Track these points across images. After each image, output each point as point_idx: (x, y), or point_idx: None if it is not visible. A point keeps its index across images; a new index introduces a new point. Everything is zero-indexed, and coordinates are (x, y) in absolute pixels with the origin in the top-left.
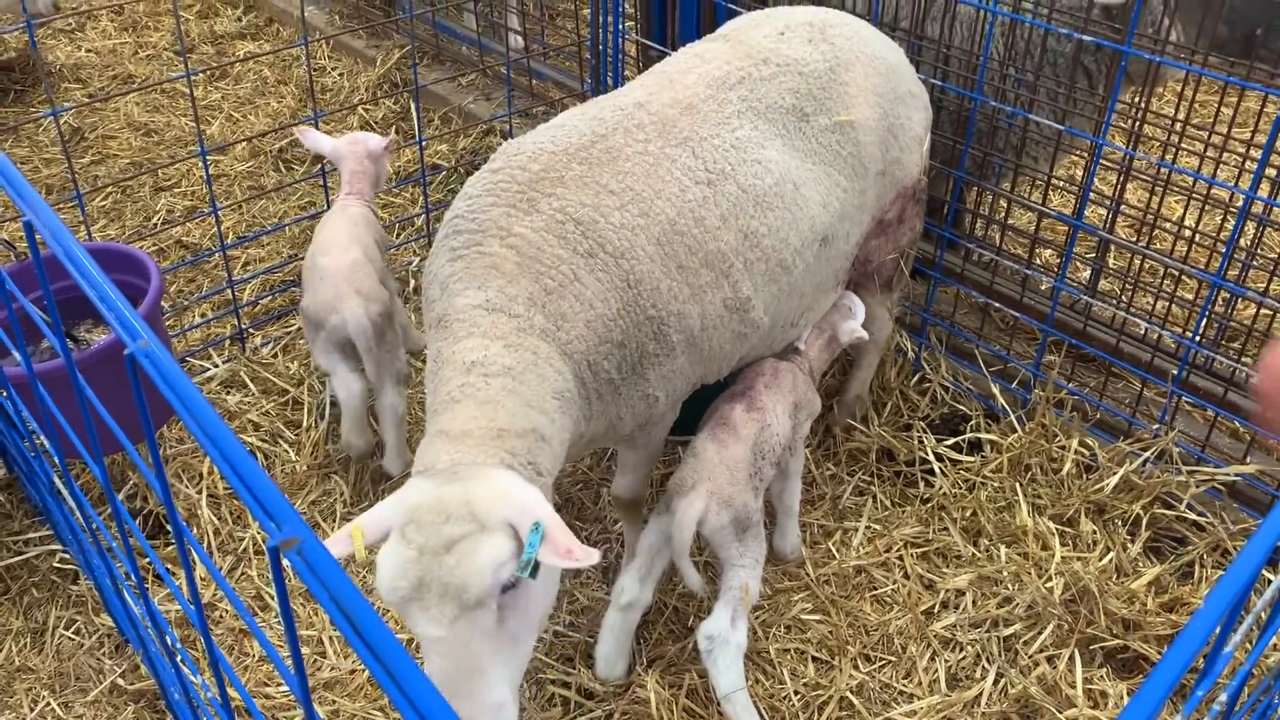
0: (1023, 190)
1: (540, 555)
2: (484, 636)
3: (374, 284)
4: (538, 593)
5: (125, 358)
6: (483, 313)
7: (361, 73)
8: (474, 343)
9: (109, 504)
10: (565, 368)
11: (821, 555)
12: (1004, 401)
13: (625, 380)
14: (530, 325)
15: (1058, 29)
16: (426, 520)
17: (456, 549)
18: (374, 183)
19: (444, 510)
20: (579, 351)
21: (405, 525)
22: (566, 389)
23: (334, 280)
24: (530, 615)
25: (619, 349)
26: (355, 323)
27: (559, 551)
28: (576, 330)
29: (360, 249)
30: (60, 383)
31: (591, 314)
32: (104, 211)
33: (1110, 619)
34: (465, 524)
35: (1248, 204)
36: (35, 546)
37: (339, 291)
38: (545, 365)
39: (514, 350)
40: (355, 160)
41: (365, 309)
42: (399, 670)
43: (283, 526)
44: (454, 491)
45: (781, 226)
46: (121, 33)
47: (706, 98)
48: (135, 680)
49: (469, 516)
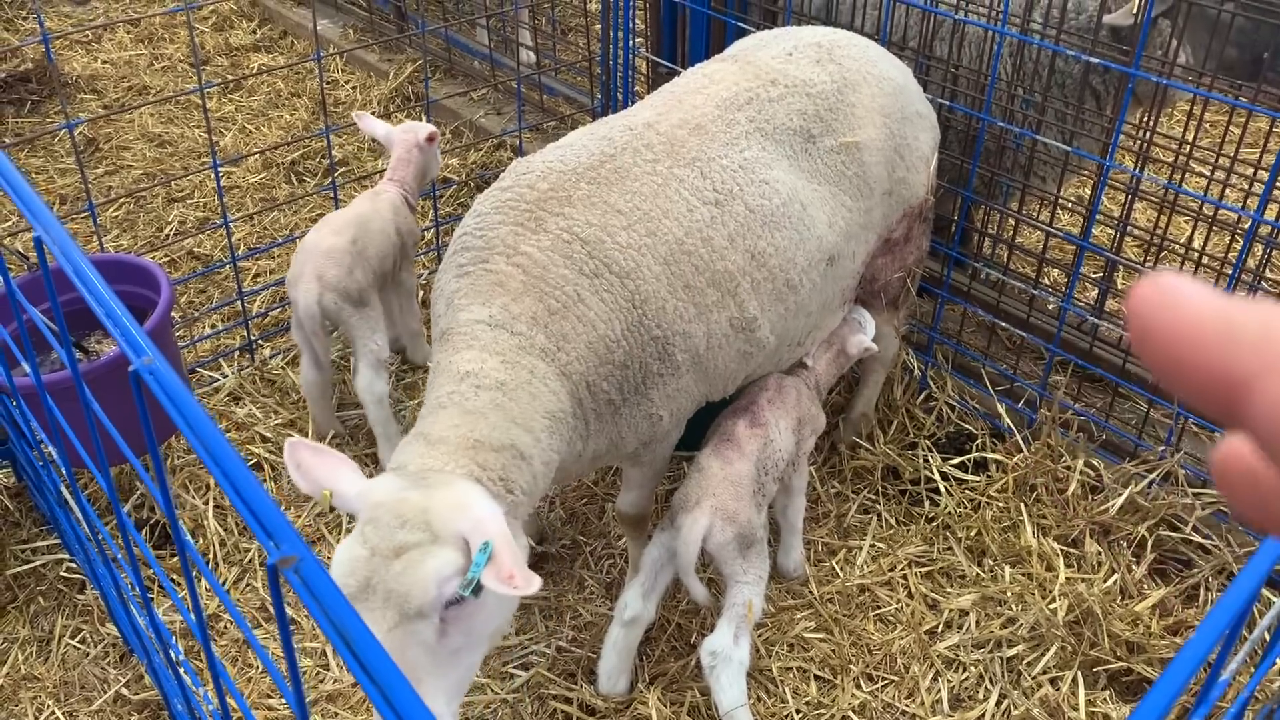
0: (1031, 210)
1: (483, 577)
2: (422, 648)
3: (340, 272)
4: (486, 611)
5: (130, 374)
6: (485, 328)
7: (374, 86)
8: (472, 355)
9: (115, 514)
10: (561, 388)
11: (825, 573)
12: (1010, 421)
13: (627, 400)
14: (531, 344)
15: (1065, 50)
16: (383, 521)
17: (405, 556)
18: (420, 174)
19: (400, 515)
20: (578, 372)
21: (365, 523)
22: (560, 409)
23: (305, 258)
24: (476, 633)
25: (621, 370)
26: (304, 304)
27: (501, 575)
28: (577, 351)
29: (351, 236)
30: (68, 393)
31: (594, 335)
32: (117, 222)
33: (1114, 641)
34: (418, 532)
35: (1255, 226)
36: (43, 555)
37: (302, 271)
38: (540, 384)
39: (510, 367)
40: (403, 148)
41: (318, 294)
42: (393, 690)
43: (281, 545)
44: (415, 498)
45: (788, 246)
46: (138, 44)
47: (715, 118)
48: (139, 690)
49: (423, 525)
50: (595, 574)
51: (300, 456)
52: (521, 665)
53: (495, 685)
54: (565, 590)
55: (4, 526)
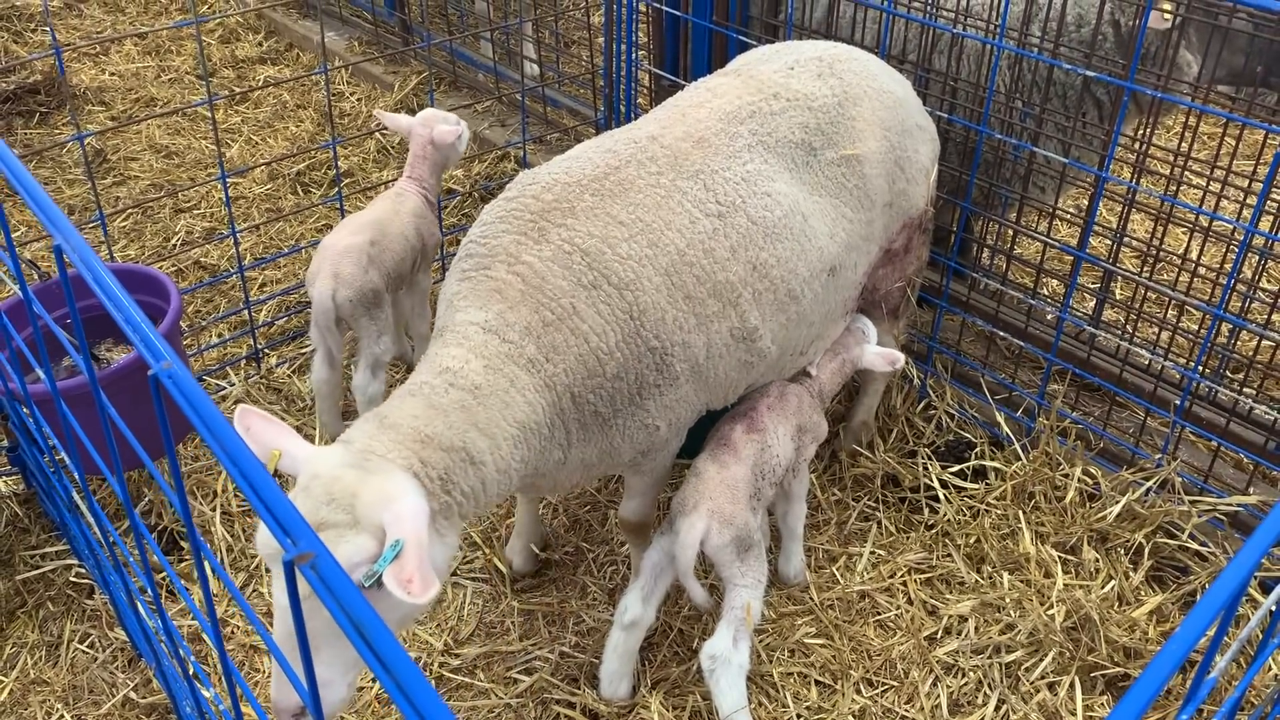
0: (1029, 221)
1: (385, 574)
2: (324, 621)
3: (355, 270)
4: (387, 603)
5: (149, 378)
6: (478, 330)
7: (379, 98)
8: (459, 353)
9: (126, 520)
10: (540, 400)
11: (826, 580)
12: (1008, 429)
13: (619, 412)
14: (520, 354)
15: (1062, 64)
16: (313, 492)
17: (323, 534)
18: (436, 169)
19: (330, 492)
20: (563, 384)
21: (299, 490)
22: (533, 420)
23: (324, 257)
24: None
25: (612, 382)
26: (318, 300)
27: (400, 576)
28: (566, 364)
29: (369, 238)
30: (79, 400)
31: (585, 348)
32: (125, 232)
33: (1111, 647)
34: (341, 513)
35: (1249, 238)
36: (52, 561)
37: (320, 269)
38: (517, 395)
39: (492, 373)
40: (418, 143)
41: (332, 290)
42: (411, 686)
43: (298, 542)
44: (349, 479)
45: (790, 257)
46: (145, 56)
47: (718, 131)
48: (147, 694)
49: (348, 508)
50: (598, 580)
51: (250, 421)
52: (524, 670)
53: (499, 690)
54: (568, 596)
55: (13, 533)
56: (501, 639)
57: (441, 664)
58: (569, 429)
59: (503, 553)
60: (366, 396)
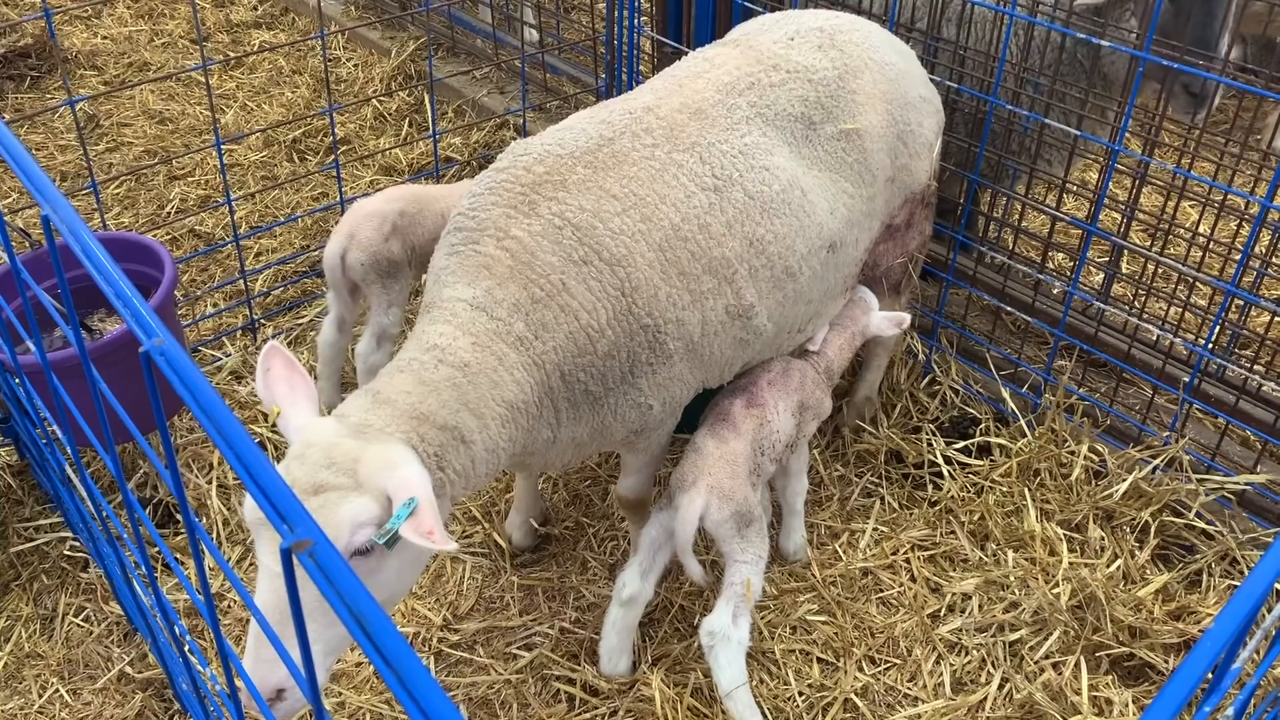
0: (1037, 194)
1: (402, 529)
2: (310, 601)
3: (374, 235)
4: (388, 571)
5: (141, 355)
6: (465, 307)
7: (376, 64)
8: (446, 330)
9: (119, 493)
10: (528, 378)
11: (828, 556)
12: (1014, 406)
13: (611, 391)
14: (508, 331)
15: (1075, 34)
16: (310, 459)
17: (323, 496)
18: None
19: (330, 457)
20: (552, 362)
21: (292, 458)
22: (521, 400)
23: (348, 216)
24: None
25: (603, 360)
26: (326, 257)
27: (421, 529)
28: (555, 341)
29: (400, 209)
30: (72, 371)
31: (575, 325)
32: (118, 199)
33: (1117, 626)
34: (342, 477)
35: (1264, 212)
36: (46, 534)
37: (341, 227)
38: (505, 373)
39: (479, 350)
40: None
41: (343, 249)
42: (408, 674)
43: (295, 528)
44: (349, 445)
45: (788, 233)
46: (138, 20)
47: (715, 103)
48: (143, 669)
49: (350, 472)
50: (598, 555)
51: (273, 362)
52: (525, 646)
53: (498, 666)
54: (568, 571)
55: (7, 504)
56: (501, 614)
57: (440, 639)
58: (558, 408)
59: (502, 527)
60: (367, 365)
